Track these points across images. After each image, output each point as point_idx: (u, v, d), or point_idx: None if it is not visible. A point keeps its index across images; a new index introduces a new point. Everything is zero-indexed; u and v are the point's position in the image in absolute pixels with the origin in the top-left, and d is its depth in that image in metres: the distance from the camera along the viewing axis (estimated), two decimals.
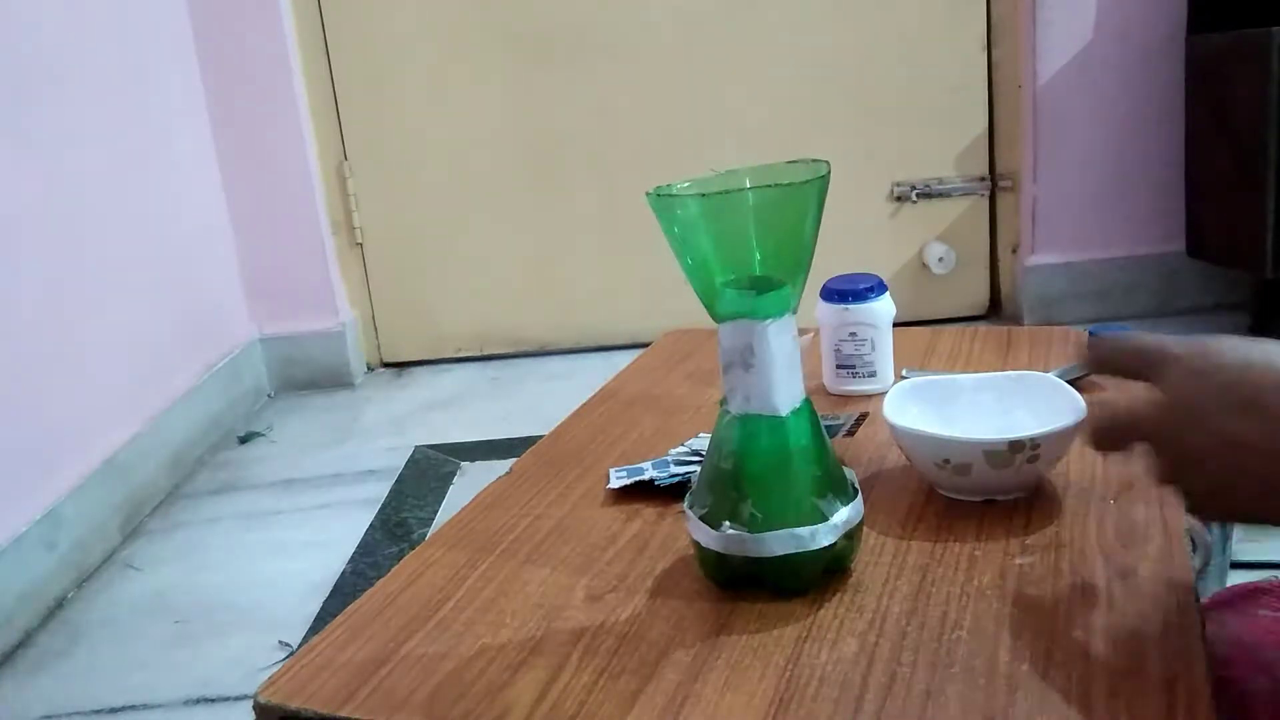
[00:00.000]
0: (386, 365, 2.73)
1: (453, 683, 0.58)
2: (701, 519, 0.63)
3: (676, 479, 0.80)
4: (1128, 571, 0.62)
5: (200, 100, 2.44)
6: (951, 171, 2.57)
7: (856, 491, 0.64)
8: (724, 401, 0.63)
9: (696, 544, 0.64)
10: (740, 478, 0.62)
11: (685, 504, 0.65)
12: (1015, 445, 0.68)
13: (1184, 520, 0.68)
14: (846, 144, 2.53)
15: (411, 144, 2.59)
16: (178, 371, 2.21)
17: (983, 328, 1.20)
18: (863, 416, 0.91)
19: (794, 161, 0.60)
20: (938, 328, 1.17)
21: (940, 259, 2.59)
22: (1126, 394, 0.54)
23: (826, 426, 0.67)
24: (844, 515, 0.62)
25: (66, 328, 1.83)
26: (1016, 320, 2.57)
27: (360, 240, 2.65)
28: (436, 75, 2.55)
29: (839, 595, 0.63)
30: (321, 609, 1.57)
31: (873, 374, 0.97)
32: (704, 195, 0.58)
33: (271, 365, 2.60)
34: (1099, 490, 0.73)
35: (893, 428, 0.74)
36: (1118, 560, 0.64)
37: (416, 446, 2.16)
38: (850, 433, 0.88)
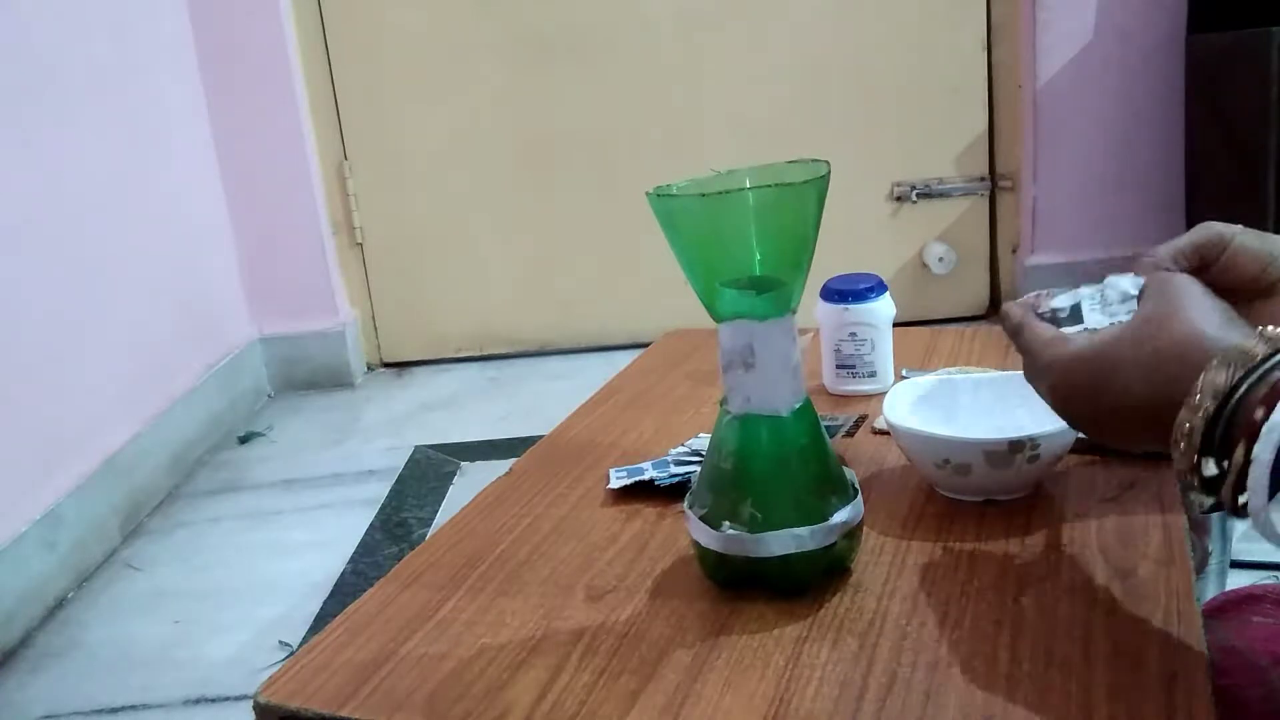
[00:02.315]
0: (386, 365, 2.73)
1: (453, 683, 0.58)
2: (701, 519, 0.63)
3: (676, 479, 0.80)
4: (1128, 571, 0.62)
5: (200, 100, 2.44)
6: (951, 171, 2.57)
7: (856, 491, 0.64)
8: (724, 401, 0.63)
9: (696, 544, 0.64)
10: (740, 478, 0.62)
11: (685, 504, 0.65)
12: (1015, 445, 0.68)
13: (1184, 520, 0.68)
14: (846, 144, 2.53)
15: (411, 144, 2.59)
16: (178, 371, 2.21)
17: (983, 328, 1.20)
18: (862, 417, 0.91)
19: (794, 161, 0.60)
20: (938, 328, 1.17)
21: (940, 259, 2.59)
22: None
23: (826, 426, 0.67)
24: (844, 515, 0.62)
25: (66, 328, 1.83)
26: None
27: (360, 240, 2.65)
28: (436, 75, 2.55)
29: (839, 595, 0.63)
30: (321, 609, 1.57)
31: (873, 374, 0.97)
32: (704, 195, 0.58)
33: (271, 365, 2.60)
34: (1099, 490, 0.73)
35: (893, 428, 0.74)
36: (1118, 560, 0.64)
37: (416, 446, 2.16)
38: (850, 433, 0.88)
